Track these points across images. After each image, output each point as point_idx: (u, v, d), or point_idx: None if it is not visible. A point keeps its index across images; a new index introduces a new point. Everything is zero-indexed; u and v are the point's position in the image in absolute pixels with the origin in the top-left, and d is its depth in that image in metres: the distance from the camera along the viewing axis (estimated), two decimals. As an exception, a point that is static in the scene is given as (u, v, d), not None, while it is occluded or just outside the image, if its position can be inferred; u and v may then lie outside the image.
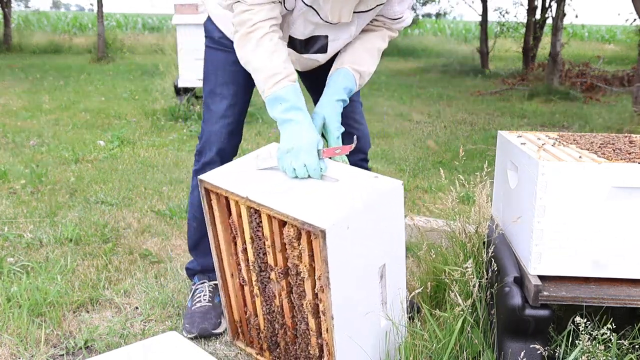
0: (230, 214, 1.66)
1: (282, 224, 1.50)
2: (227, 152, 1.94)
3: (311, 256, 1.46)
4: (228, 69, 1.87)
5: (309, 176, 1.56)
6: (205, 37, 1.95)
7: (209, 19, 1.94)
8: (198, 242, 2.05)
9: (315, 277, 1.46)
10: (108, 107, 6.55)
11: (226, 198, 1.64)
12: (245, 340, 1.86)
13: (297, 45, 1.78)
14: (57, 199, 3.29)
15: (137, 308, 2.12)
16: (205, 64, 1.94)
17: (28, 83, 8.34)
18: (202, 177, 1.65)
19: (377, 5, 1.67)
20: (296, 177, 1.56)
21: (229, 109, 1.90)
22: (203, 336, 1.90)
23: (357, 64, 1.74)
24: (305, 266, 1.47)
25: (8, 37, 13.90)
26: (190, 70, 6.01)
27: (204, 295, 1.99)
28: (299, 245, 1.47)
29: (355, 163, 1.98)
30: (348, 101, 1.74)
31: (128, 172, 3.93)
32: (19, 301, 2.05)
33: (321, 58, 1.83)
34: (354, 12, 1.67)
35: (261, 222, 1.54)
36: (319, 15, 1.66)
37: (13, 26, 14.22)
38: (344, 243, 1.41)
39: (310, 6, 1.64)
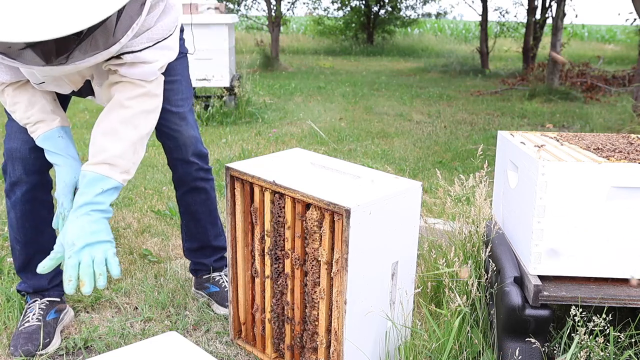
0: (252, 202, 1.71)
1: (305, 208, 1.55)
2: (35, 169, 1.81)
3: (331, 239, 1.51)
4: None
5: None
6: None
7: None
8: (26, 263, 1.96)
9: (334, 261, 1.50)
10: (108, 107, 6.54)
11: (251, 185, 1.70)
12: (247, 339, 1.87)
13: (75, 93, 1.74)
14: (57, 199, 3.29)
15: (136, 308, 2.12)
16: None
17: (28, 83, 8.33)
18: (229, 165, 1.74)
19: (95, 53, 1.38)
20: None
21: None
22: (28, 356, 1.82)
23: (98, 155, 1.54)
24: (324, 249, 1.51)
25: (8, 37, 13.91)
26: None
27: (33, 315, 1.92)
28: (320, 228, 1.53)
29: (189, 173, 1.98)
30: (98, 201, 1.49)
31: (128, 172, 3.92)
32: (18, 301, 2.05)
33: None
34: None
35: (284, 207, 1.59)
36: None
37: (13, 26, 14.19)
38: (365, 227, 1.47)
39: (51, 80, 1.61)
